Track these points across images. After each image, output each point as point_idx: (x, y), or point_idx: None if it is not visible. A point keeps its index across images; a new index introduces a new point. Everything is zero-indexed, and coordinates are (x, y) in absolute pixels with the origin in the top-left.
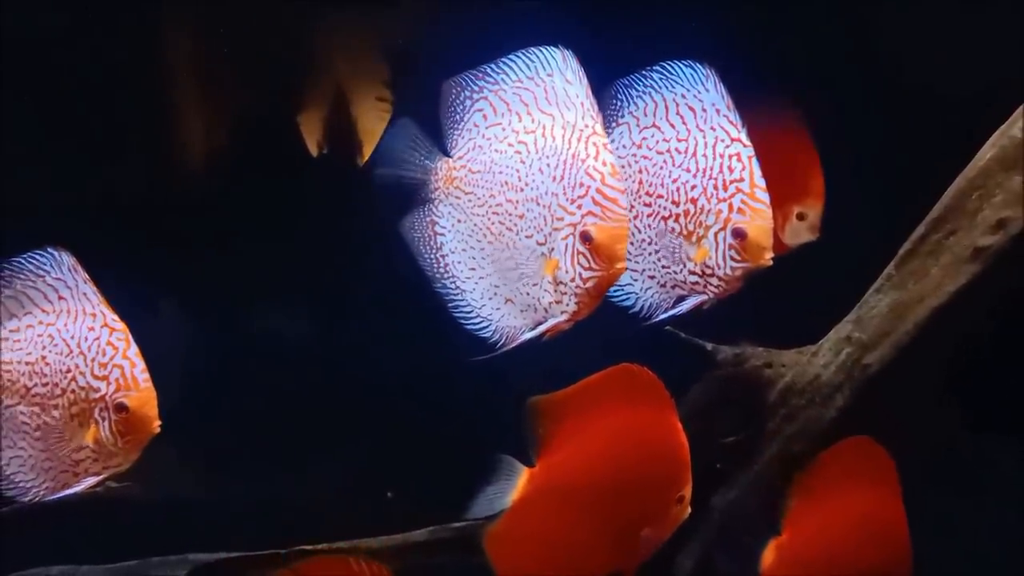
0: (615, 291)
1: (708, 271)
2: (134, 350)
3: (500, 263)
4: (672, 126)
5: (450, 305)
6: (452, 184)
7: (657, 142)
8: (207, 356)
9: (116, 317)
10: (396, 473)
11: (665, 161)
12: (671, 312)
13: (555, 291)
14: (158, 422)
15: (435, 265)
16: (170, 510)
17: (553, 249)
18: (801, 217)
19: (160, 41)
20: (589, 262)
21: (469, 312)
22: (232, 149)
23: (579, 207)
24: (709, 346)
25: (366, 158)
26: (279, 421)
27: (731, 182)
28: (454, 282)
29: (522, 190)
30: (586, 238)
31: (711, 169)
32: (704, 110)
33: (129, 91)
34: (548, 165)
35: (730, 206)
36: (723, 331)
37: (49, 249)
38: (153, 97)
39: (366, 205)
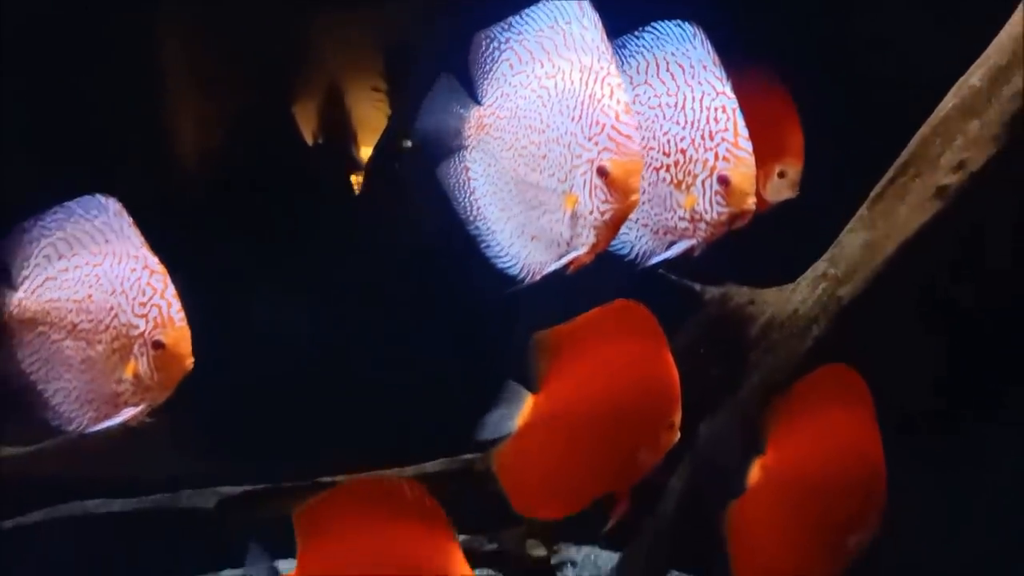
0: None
1: (696, 217)
2: (171, 291)
3: (526, 203)
4: (663, 82)
5: (482, 245)
6: (483, 131)
7: (649, 98)
8: (238, 292)
9: (156, 260)
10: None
11: (656, 115)
12: (663, 256)
13: (575, 225)
14: (191, 359)
15: (468, 208)
16: (198, 445)
17: (573, 186)
18: (782, 175)
19: (154, 35)
20: (605, 195)
21: (499, 251)
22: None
23: (595, 144)
24: (697, 287)
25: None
26: (300, 358)
27: (716, 132)
28: (485, 223)
29: (544, 132)
30: (602, 172)
31: (698, 121)
32: (692, 67)
33: (122, 84)
34: (567, 107)
35: (716, 155)
36: (711, 276)
37: (97, 195)
38: (146, 91)
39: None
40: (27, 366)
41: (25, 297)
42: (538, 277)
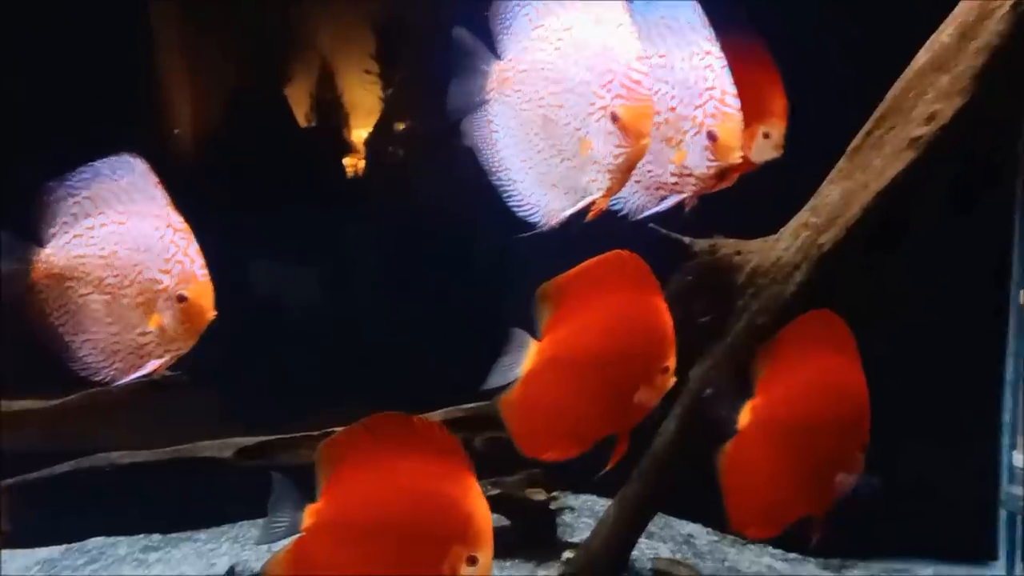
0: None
1: (686, 171)
2: (194, 248)
3: (545, 152)
4: (653, 43)
5: (504, 195)
6: (504, 84)
7: None
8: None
9: (180, 219)
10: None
11: (648, 75)
12: (654, 210)
13: (591, 171)
14: (213, 312)
15: (492, 160)
16: (217, 397)
17: (588, 133)
18: (766, 136)
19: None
20: (618, 140)
21: (521, 200)
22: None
23: (608, 91)
24: (687, 240)
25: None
26: (315, 315)
27: (705, 90)
28: (508, 174)
29: (561, 82)
30: (614, 118)
31: (688, 80)
32: (681, 28)
33: (119, 65)
34: (583, 56)
35: (704, 112)
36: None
37: (124, 155)
38: (143, 73)
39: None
40: (56, 319)
41: (53, 253)
42: (557, 223)
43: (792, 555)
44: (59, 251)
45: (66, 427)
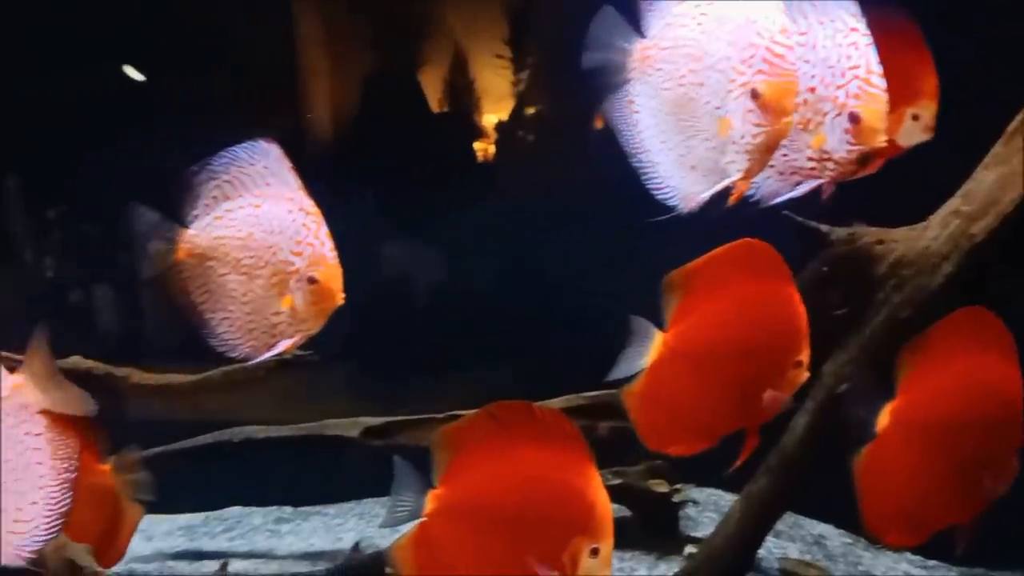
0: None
1: (825, 156)
2: (325, 231)
3: (685, 132)
4: (794, 20)
5: (644, 177)
6: (646, 63)
7: None
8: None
9: (312, 203)
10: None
11: (792, 50)
12: (788, 196)
13: (730, 151)
14: (342, 294)
15: (632, 141)
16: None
17: (728, 111)
18: (915, 118)
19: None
20: (758, 118)
21: (660, 183)
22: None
23: (750, 66)
24: (824, 227)
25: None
26: (442, 299)
27: (848, 69)
28: (648, 155)
29: (702, 59)
30: (755, 95)
31: (830, 58)
32: (824, 3)
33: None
34: (724, 31)
35: (847, 92)
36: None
37: (260, 140)
38: (284, 56)
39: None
40: (197, 297)
41: (196, 234)
42: (695, 206)
43: (932, 562)
44: (201, 232)
45: (206, 401)
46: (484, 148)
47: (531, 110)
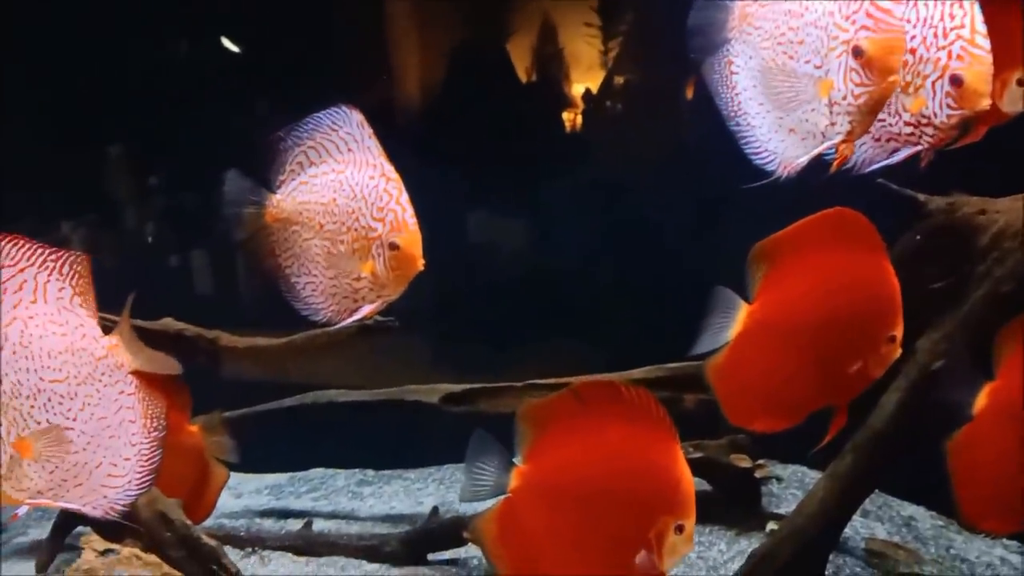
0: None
1: (924, 121)
2: (405, 197)
3: (783, 93)
4: None
5: (741, 142)
6: (745, 21)
7: None
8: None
9: (392, 169)
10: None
11: (900, 4)
12: (884, 162)
13: (830, 113)
14: (422, 260)
15: (730, 104)
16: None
17: (828, 70)
18: (1021, 83)
19: None
20: (861, 77)
21: (758, 147)
22: None
23: (853, 23)
24: (921, 196)
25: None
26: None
27: (951, 29)
28: (745, 119)
29: (802, 15)
30: (857, 52)
31: (931, 18)
32: None
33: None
34: None
35: (949, 53)
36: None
37: (342, 106)
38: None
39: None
40: (282, 261)
41: (283, 199)
42: (793, 171)
43: None
44: (287, 197)
45: (291, 364)
46: (572, 118)
47: (620, 79)
